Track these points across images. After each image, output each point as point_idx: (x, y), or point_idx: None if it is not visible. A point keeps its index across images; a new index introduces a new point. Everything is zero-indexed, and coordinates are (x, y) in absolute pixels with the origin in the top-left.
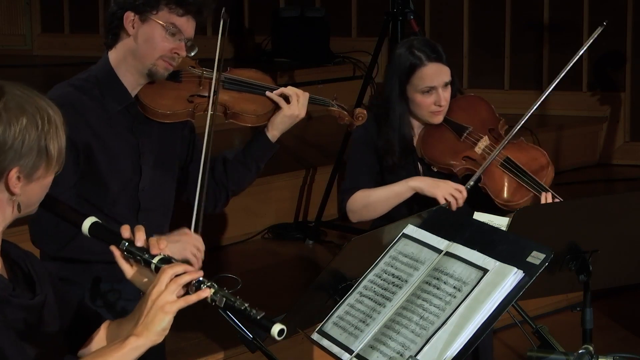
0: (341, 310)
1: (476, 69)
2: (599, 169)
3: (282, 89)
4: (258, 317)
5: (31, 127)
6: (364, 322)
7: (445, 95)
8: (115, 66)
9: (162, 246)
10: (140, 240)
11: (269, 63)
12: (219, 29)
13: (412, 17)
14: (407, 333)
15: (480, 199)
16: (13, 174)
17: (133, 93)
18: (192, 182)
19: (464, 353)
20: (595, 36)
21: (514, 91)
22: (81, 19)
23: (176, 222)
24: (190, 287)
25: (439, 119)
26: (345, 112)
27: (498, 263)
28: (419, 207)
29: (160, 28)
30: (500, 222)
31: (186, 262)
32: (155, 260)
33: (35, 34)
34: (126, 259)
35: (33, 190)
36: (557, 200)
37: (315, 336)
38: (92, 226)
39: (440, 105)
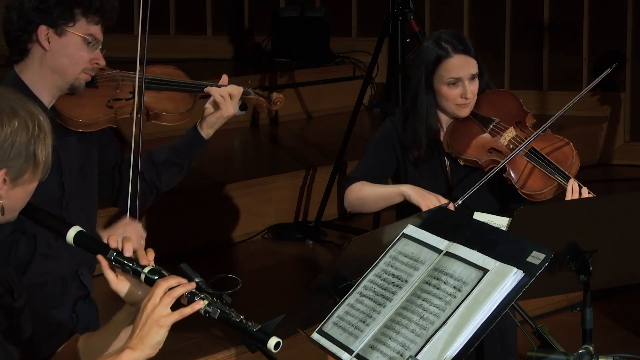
0: (341, 310)
1: None
2: (599, 169)
3: (220, 90)
4: (254, 330)
5: (22, 131)
6: (364, 322)
7: (471, 87)
8: (29, 82)
9: (151, 257)
10: (128, 250)
11: (269, 63)
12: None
13: (412, 17)
14: (407, 333)
15: (504, 189)
16: (0, 175)
17: (49, 106)
18: (121, 184)
19: (464, 353)
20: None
21: (514, 91)
22: None
23: None
24: (182, 299)
25: (465, 112)
26: (262, 99)
27: (498, 263)
28: (405, 214)
29: (80, 40)
30: (500, 222)
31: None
32: (145, 271)
33: None
34: (112, 268)
35: (17, 195)
36: (584, 188)
37: (315, 336)
38: (78, 235)
39: (466, 98)
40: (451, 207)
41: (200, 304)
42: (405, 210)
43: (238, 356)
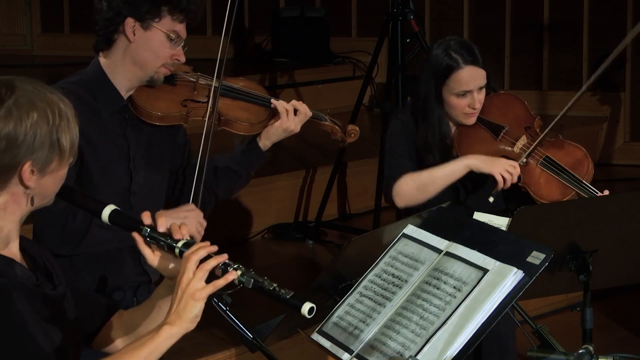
0: (341, 310)
1: None
2: (599, 169)
3: (292, 102)
4: (288, 297)
5: (42, 122)
6: (364, 322)
7: (479, 97)
8: (109, 71)
9: (185, 231)
10: (162, 226)
11: (269, 63)
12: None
13: (412, 17)
14: (407, 333)
15: (520, 198)
16: (26, 168)
17: (125, 96)
18: (184, 185)
19: (464, 353)
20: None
21: (514, 91)
22: (81, 19)
23: None
24: (216, 270)
25: (471, 120)
26: (337, 128)
27: (498, 263)
28: (472, 185)
29: (163, 36)
30: (500, 222)
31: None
32: (179, 245)
33: (35, 34)
34: (148, 244)
35: (47, 183)
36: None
37: (315, 336)
38: (113, 214)
39: (474, 108)
40: (517, 166)
41: (233, 275)
42: (406, 210)
43: (238, 356)
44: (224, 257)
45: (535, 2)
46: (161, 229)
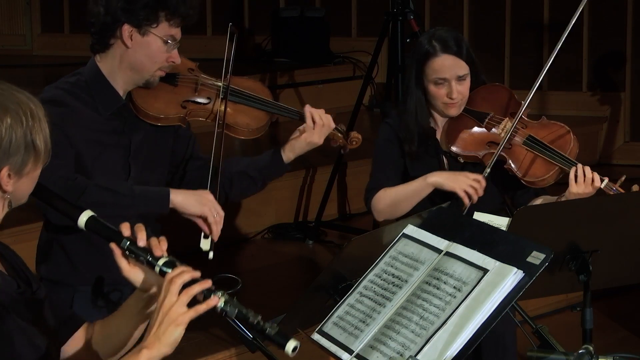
0: (341, 310)
1: None
2: (599, 169)
3: (320, 115)
4: (272, 333)
5: (16, 125)
6: (364, 322)
7: (459, 88)
8: (107, 73)
9: (164, 247)
10: (142, 240)
11: (269, 63)
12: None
13: (412, 17)
14: (407, 333)
15: (505, 179)
16: (4, 172)
17: (124, 95)
18: (192, 177)
19: (464, 353)
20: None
21: (514, 91)
22: (81, 19)
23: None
24: (198, 295)
25: (453, 112)
26: (339, 135)
27: (498, 263)
28: (442, 201)
29: (160, 41)
30: (500, 222)
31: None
32: (160, 263)
33: (35, 34)
34: (125, 256)
35: (24, 185)
36: (594, 173)
37: (315, 336)
38: (90, 220)
39: (451, 98)
40: (482, 180)
41: (216, 300)
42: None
43: (238, 356)
44: (208, 284)
45: (535, 2)
46: (141, 243)
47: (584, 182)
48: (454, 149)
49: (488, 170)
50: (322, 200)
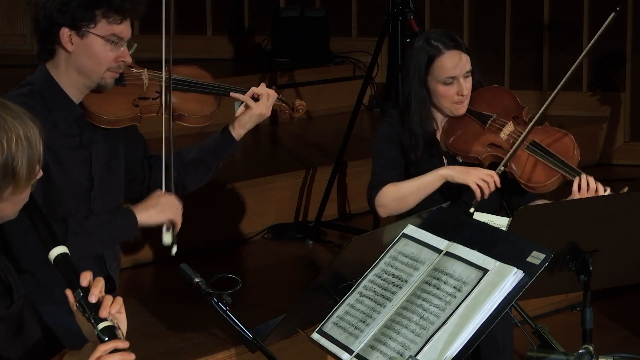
0: (341, 310)
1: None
2: (599, 169)
3: (253, 89)
4: None
5: None
6: (364, 322)
7: (466, 84)
8: (58, 79)
9: (114, 310)
10: (93, 295)
11: (269, 63)
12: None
13: (412, 17)
14: (407, 333)
15: (506, 183)
16: None
17: (78, 102)
18: (149, 181)
19: (464, 353)
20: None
21: (514, 91)
22: None
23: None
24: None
25: (462, 110)
26: (285, 105)
27: (498, 263)
28: (451, 196)
29: (102, 41)
30: (500, 222)
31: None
32: (99, 327)
33: None
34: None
35: (4, 207)
36: (598, 183)
37: (315, 336)
38: (59, 257)
39: (462, 95)
40: (494, 175)
41: None
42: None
43: (238, 356)
44: (131, 357)
45: (535, 2)
46: (92, 298)
47: (588, 192)
48: (454, 148)
49: (502, 167)
50: (322, 200)
